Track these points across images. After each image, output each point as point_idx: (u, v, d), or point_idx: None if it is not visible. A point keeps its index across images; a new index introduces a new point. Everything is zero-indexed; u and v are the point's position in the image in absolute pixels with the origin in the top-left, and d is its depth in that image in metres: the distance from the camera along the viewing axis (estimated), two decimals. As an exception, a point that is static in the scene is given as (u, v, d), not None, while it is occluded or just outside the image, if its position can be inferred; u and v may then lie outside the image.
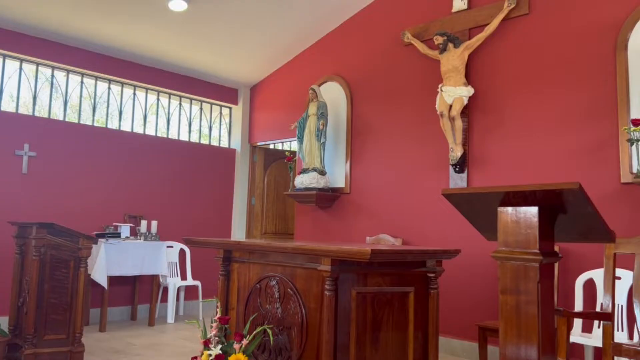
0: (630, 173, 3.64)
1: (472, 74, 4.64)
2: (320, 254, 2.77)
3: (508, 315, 1.62)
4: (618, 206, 3.74)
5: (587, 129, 3.94)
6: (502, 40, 4.50)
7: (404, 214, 5.00)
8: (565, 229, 1.75)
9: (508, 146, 4.38)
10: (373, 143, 5.37)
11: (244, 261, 3.37)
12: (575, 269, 3.86)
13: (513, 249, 1.65)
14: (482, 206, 1.77)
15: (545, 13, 4.27)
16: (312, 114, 5.54)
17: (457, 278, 4.50)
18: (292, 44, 6.12)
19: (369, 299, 2.87)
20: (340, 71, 5.76)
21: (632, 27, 3.76)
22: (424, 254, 2.98)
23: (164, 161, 6.33)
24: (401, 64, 5.21)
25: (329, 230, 5.68)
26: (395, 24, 5.29)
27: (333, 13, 5.64)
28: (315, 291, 2.90)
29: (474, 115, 4.62)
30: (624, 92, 3.75)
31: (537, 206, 1.61)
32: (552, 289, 1.68)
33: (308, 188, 5.45)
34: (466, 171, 4.61)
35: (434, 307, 3.05)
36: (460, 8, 4.76)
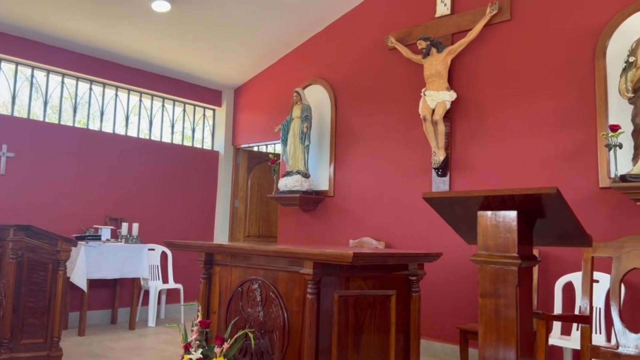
0: (608, 178, 3.70)
1: (455, 78, 4.68)
2: (303, 257, 2.77)
3: (487, 318, 1.63)
4: (597, 210, 3.80)
5: (567, 134, 4.00)
6: (484, 45, 4.55)
7: (387, 217, 5.02)
8: (544, 233, 1.77)
9: (490, 150, 4.42)
10: (357, 146, 5.38)
11: (225, 264, 3.35)
12: (555, 272, 3.91)
13: (492, 253, 1.66)
14: (462, 210, 1.78)
15: (527, 19, 4.33)
16: (296, 116, 5.53)
17: (439, 281, 4.53)
18: (277, 47, 6.11)
19: (351, 302, 2.87)
20: (325, 74, 5.77)
21: (610, 35, 3.83)
22: (405, 258, 3.00)
23: (146, 163, 6.26)
24: (385, 68, 5.24)
25: (312, 233, 5.67)
26: (379, 28, 5.31)
27: (317, 16, 5.65)
28: (298, 294, 2.90)
29: (457, 120, 4.66)
30: (602, 98, 3.82)
31: (516, 210, 1.63)
32: (530, 292, 1.70)
33: (292, 191, 5.44)
34: (448, 175, 4.64)
35: (416, 310, 3.07)
36: (443, 13, 4.81)
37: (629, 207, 3.63)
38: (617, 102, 3.70)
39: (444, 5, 4.81)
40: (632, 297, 3.53)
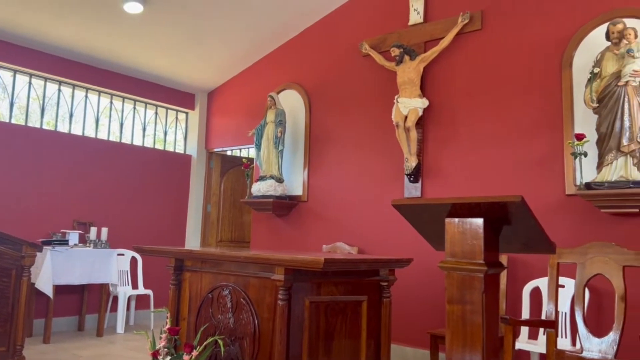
0: (574, 185, 3.80)
1: (427, 86, 4.74)
2: (274, 263, 2.75)
3: (454, 324, 1.65)
4: (563, 217, 3.89)
5: (536, 142, 4.09)
6: (456, 54, 4.62)
7: (361, 222, 5.04)
8: (510, 240, 1.80)
9: (460, 157, 4.49)
10: (331, 151, 5.40)
11: (196, 270, 3.31)
12: (523, 277, 3.99)
13: (459, 260, 1.68)
14: (430, 217, 1.80)
15: (497, 30, 4.42)
16: (270, 121, 5.52)
17: (410, 286, 4.56)
18: (251, 51, 6.09)
19: (323, 308, 2.87)
20: (299, 79, 5.78)
21: (576, 46, 3.94)
22: (377, 263, 3.01)
23: (116, 166, 6.15)
24: (359, 74, 5.27)
25: (285, 238, 5.65)
26: (354, 34, 5.35)
27: (292, 21, 5.66)
28: (269, 301, 2.88)
29: (429, 127, 4.72)
30: (569, 108, 3.92)
31: (483, 218, 1.66)
32: (497, 298, 1.72)
33: (265, 196, 5.41)
34: (420, 181, 4.69)
35: (387, 315, 3.08)
36: (416, 21, 4.87)
37: (593, 214, 3.73)
38: (583, 112, 3.81)
39: (417, 13, 4.87)
40: (597, 302, 3.62)
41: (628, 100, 3.43)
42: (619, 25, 3.57)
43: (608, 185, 3.43)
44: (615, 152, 3.46)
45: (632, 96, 3.43)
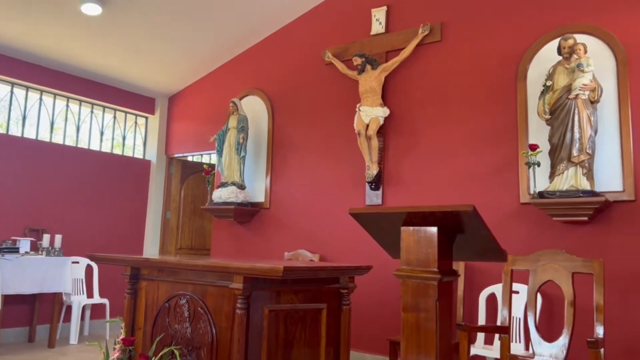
0: (528, 194, 3.92)
1: (389, 95, 4.81)
2: (232, 272, 2.72)
3: (409, 332, 1.67)
4: (518, 225, 4.01)
5: (492, 152, 4.21)
6: (416, 64, 4.71)
7: (323, 229, 5.05)
8: (464, 248, 1.84)
9: (420, 166, 4.56)
10: (294, 158, 5.39)
11: (152, 279, 3.23)
12: (479, 284, 4.07)
13: (414, 268, 1.70)
14: (387, 225, 1.82)
15: (456, 42, 4.53)
16: (232, 127, 5.47)
17: (370, 293, 4.59)
18: (214, 55, 6.04)
19: (282, 317, 2.85)
20: (262, 85, 5.76)
21: (530, 59, 4.09)
22: (336, 271, 3.02)
23: (72, 171, 5.96)
24: (322, 81, 5.30)
25: (247, 245, 5.60)
26: (317, 42, 5.38)
27: (256, 27, 5.65)
28: (227, 310, 2.84)
29: (390, 135, 4.78)
30: (523, 119, 4.05)
31: (437, 226, 1.68)
32: (450, 305, 1.75)
33: (226, 202, 5.35)
34: (381, 189, 4.74)
35: (346, 322, 3.09)
36: (378, 31, 4.94)
37: (546, 222, 3.86)
38: (537, 123, 3.94)
39: (379, 23, 4.94)
40: (549, 308, 3.73)
41: (578, 113, 3.57)
42: (569, 41, 3.72)
43: (559, 194, 3.56)
44: (566, 163, 3.59)
45: (582, 109, 3.58)
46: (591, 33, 3.84)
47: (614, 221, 3.63)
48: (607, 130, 3.68)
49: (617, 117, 3.68)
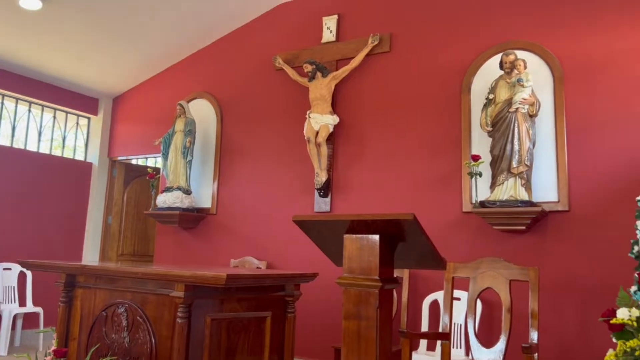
0: (470, 203, 4.03)
1: (339, 103, 4.84)
2: (174, 280, 2.65)
3: (349, 340, 1.66)
4: (460, 233, 4.11)
5: (437, 162, 4.31)
6: (366, 74, 4.77)
7: (271, 236, 5.00)
8: (405, 256, 1.86)
9: (368, 173, 4.61)
10: (242, 163, 5.33)
11: (89, 287, 3.10)
12: (423, 290, 4.15)
13: (356, 276, 1.71)
14: (330, 233, 1.81)
15: (404, 53, 4.62)
16: (179, 130, 5.35)
17: (316, 300, 4.58)
18: (162, 57, 5.89)
19: (225, 325, 2.80)
20: (211, 89, 5.66)
21: (474, 73, 4.23)
22: (282, 278, 3.00)
23: (6, 173, 5.63)
24: (272, 87, 5.27)
25: (192, 252, 5.47)
26: (268, 47, 5.35)
27: (206, 29, 5.56)
28: (167, 319, 2.76)
29: (339, 143, 4.81)
30: (467, 130, 4.18)
31: (379, 235, 1.69)
32: (390, 313, 1.77)
33: (171, 208, 5.21)
34: (330, 196, 4.76)
35: (290, 330, 3.07)
36: (329, 40, 4.97)
37: (487, 231, 3.98)
38: (479, 135, 4.07)
39: (330, 32, 4.98)
40: (489, 314, 3.85)
41: (518, 126, 3.72)
42: (510, 56, 3.87)
43: (499, 204, 3.69)
44: (506, 173, 3.72)
45: (521, 122, 3.73)
46: (531, 50, 4.02)
47: (549, 230, 3.80)
48: (544, 143, 3.85)
49: (554, 130, 3.86)
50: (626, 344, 1.61)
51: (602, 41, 3.83)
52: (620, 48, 3.77)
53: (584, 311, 3.56)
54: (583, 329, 3.55)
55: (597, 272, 3.56)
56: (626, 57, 3.74)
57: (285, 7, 5.36)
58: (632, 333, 1.62)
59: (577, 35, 3.92)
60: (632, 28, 3.75)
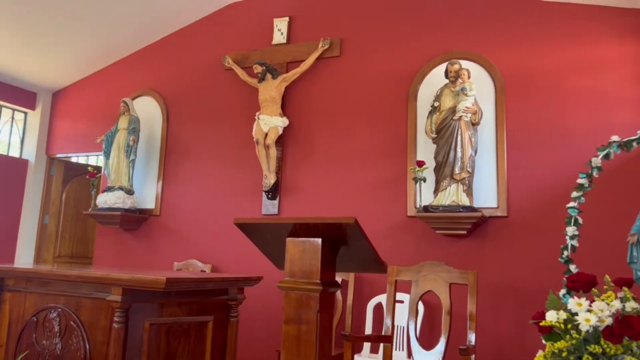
0: (414, 208, 4.11)
1: (288, 105, 4.82)
2: (110, 283, 2.55)
3: (289, 344, 1.65)
4: (405, 237, 4.19)
5: (383, 166, 4.37)
6: (316, 77, 4.78)
7: (216, 239, 4.91)
8: (347, 260, 1.87)
9: (317, 176, 4.62)
10: (188, 164, 5.21)
11: (18, 290, 2.93)
12: (368, 293, 4.19)
13: (297, 280, 1.70)
14: (272, 236, 1.80)
15: (354, 58, 4.67)
16: (122, 128, 5.17)
17: (261, 304, 4.54)
18: (106, 51, 5.68)
19: (164, 330, 2.72)
20: (157, 86, 5.51)
21: (421, 81, 4.32)
22: (225, 282, 2.95)
23: None
24: (221, 87, 5.19)
25: (134, 254, 5.29)
26: (217, 47, 5.27)
27: (153, 25, 5.40)
28: (103, 324, 2.65)
29: (288, 145, 4.79)
30: (412, 137, 4.27)
31: (321, 238, 1.69)
32: (331, 317, 1.77)
33: (112, 208, 5.02)
34: (278, 198, 4.73)
35: (233, 335, 3.02)
36: (279, 41, 4.95)
37: (430, 235, 4.07)
38: (424, 141, 4.16)
39: (281, 34, 4.96)
40: (431, 316, 3.93)
41: (461, 133, 3.83)
42: (455, 66, 3.99)
43: (442, 208, 3.78)
44: (449, 179, 3.82)
45: (464, 130, 3.84)
46: (475, 60, 4.16)
47: (489, 235, 3.93)
48: (485, 151, 3.99)
49: (494, 139, 4.00)
50: (554, 345, 1.67)
51: (540, 56, 4.01)
52: (555, 64, 3.96)
53: (519, 313, 3.71)
54: (518, 330, 3.69)
55: (532, 276, 3.72)
56: (561, 72, 3.94)
57: (235, 6, 5.30)
58: (560, 335, 1.69)
59: (518, 49, 4.09)
60: (566, 46, 3.95)
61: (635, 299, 1.80)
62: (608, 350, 1.59)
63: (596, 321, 1.61)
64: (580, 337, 1.63)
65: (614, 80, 3.80)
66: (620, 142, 2.27)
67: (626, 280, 1.91)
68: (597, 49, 3.88)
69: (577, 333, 1.64)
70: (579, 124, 3.83)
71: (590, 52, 3.89)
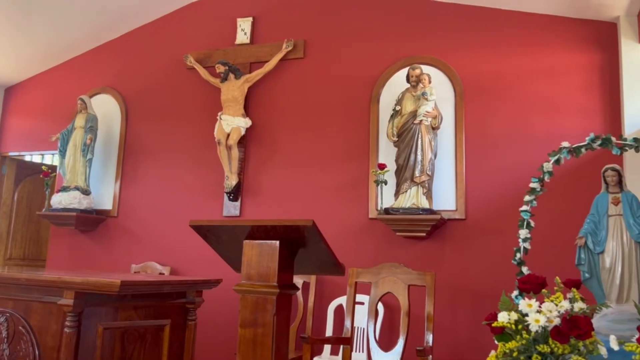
0: (376, 210, 4.15)
1: (251, 106, 4.79)
2: (62, 287, 2.47)
3: (245, 348, 1.64)
4: (367, 238, 4.22)
5: (346, 168, 4.39)
6: (280, 78, 4.77)
7: (176, 241, 4.81)
8: (305, 262, 1.87)
9: (279, 178, 4.60)
10: (148, 164, 5.10)
11: (-37, 294, 2.79)
12: (329, 295, 4.20)
13: (254, 283, 1.68)
14: (229, 239, 1.78)
15: (318, 61, 4.68)
16: (79, 126, 5.01)
17: (221, 307, 4.47)
18: (64, 47, 5.49)
19: (119, 335, 2.65)
20: (116, 84, 5.37)
21: (383, 85, 4.37)
22: (182, 285, 2.90)
23: None
24: (183, 86, 5.11)
25: (90, 257, 5.13)
26: (179, 45, 5.18)
27: (113, 22, 5.26)
28: (55, 329, 2.56)
29: (250, 146, 4.76)
30: (375, 140, 4.31)
31: (279, 240, 1.68)
32: (288, 319, 1.76)
33: (67, 209, 4.86)
34: (240, 200, 4.69)
35: (191, 339, 2.97)
36: (243, 41, 4.91)
37: (391, 237, 4.11)
38: (386, 144, 4.21)
39: (244, 34, 4.92)
40: (390, 318, 3.97)
41: (421, 137, 3.89)
42: (417, 70, 4.05)
43: (402, 211, 3.83)
44: (409, 182, 3.88)
45: (425, 134, 3.90)
46: (435, 65, 4.23)
47: (447, 237, 4.01)
48: (444, 155, 4.06)
49: (454, 143, 4.08)
50: (506, 346, 1.72)
51: (497, 63, 4.13)
52: (511, 71, 4.08)
53: (475, 314, 3.79)
54: (475, 330, 3.77)
55: (488, 277, 3.81)
56: (517, 79, 4.06)
57: (198, 5, 5.22)
58: (512, 335, 1.73)
59: (477, 56, 4.19)
60: (521, 53, 4.08)
61: (583, 299, 1.87)
62: (556, 349, 1.64)
63: (545, 321, 1.66)
64: (530, 337, 1.68)
65: (566, 87, 3.94)
66: (570, 148, 2.36)
67: (575, 281, 1.98)
68: (550, 57, 4.02)
69: (527, 333, 1.69)
70: (533, 129, 3.95)
71: (544, 60, 4.03)
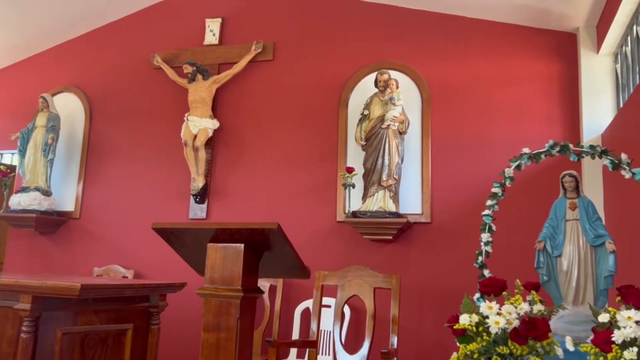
0: (343, 213, 4.17)
1: (219, 107, 4.75)
2: (19, 290, 2.40)
3: (208, 353, 1.62)
4: (334, 241, 4.23)
5: (314, 171, 4.40)
6: (248, 80, 4.74)
7: (140, 244, 4.72)
8: (271, 266, 1.86)
9: (247, 180, 4.57)
10: (112, 165, 4.98)
11: None
12: (296, 298, 4.19)
13: (218, 286, 1.67)
14: (193, 242, 1.76)
15: (287, 63, 4.67)
16: (40, 125, 4.87)
17: (186, 311, 4.40)
18: (24, 44, 5.32)
19: (78, 340, 2.58)
20: (80, 83, 5.24)
21: (352, 89, 4.40)
22: (146, 288, 2.85)
23: None
24: (149, 86, 5.02)
25: (50, 259, 4.98)
26: (147, 44, 5.09)
27: (77, 19, 5.13)
28: (11, 333, 2.49)
29: (218, 148, 4.71)
30: (343, 143, 4.33)
31: (244, 244, 1.67)
32: (252, 323, 1.75)
33: (27, 210, 4.70)
34: (206, 202, 4.63)
35: (154, 343, 2.92)
36: (211, 42, 4.87)
37: (358, 240, 4.14)
38: (354, 148, 4.23)
39: (213, 34, 4.88)
40: (357, 321, 4.00)
41: (389, 142, 3.94)
42: (384, 76, 4.10)
43: (370, 214, 3.86)
44: (377, 186, 3.92)
45: (392, 138, 3.95)
46: (403, 71, 4.29)
47: (413, 240, 4.06)
48: (411, 159, 4.12)
49: (420, 148, 4.14)
50: (467, 348, 1.75)
51: (462, 70, 4.21)
52: (476, 78, 4.18)
53: (440, 316, 3.85)
54: (439, 332, 3.82)
55: (453, 280, 3.87)
56: (481, 86, 4.15)
57: (166, 4, 5.15)
58: (473, 337, 1.77)
59: (443, 62, 4.26)
60: (486, 61, 4.18)
61: (542, 301, 1.92)
62: (515, 351, 1.68)
63: (505, 323, 1.70)
64: (490, 339, 1.71)
65: (528, 95, 4.06)
66: (530, 154, 2.42)
67: (534, 284, 2.04)
68: (513, 65, 4.13)
69: (488, 335, 1.72)
70: (496, 135, 4.05)
71: (507, 67, 4.14)
